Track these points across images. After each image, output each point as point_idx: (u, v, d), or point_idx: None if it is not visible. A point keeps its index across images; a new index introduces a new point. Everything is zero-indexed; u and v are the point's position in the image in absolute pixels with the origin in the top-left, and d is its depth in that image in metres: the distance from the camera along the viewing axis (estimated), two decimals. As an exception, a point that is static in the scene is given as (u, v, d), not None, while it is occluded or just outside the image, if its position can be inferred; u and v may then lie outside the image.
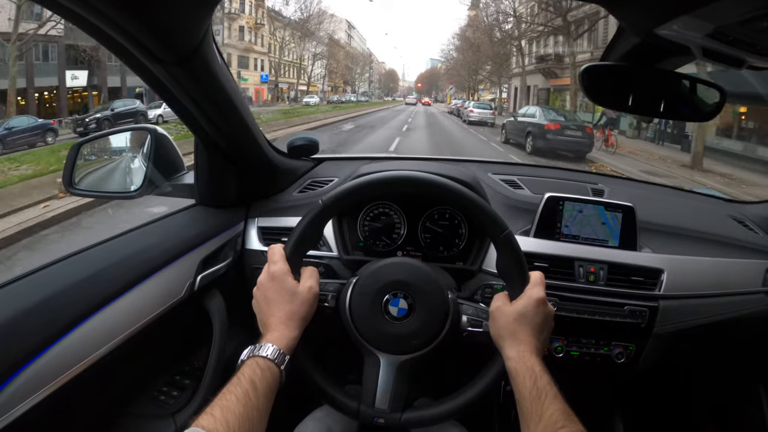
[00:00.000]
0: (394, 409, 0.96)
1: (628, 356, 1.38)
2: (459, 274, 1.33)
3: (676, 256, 1.43)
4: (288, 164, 1.58)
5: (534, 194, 1.58)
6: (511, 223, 1.41)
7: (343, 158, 1.89)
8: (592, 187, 1.65)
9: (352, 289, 0.99)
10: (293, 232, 0.98)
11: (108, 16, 0.75)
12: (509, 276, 0.97)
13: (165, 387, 1.21)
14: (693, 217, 1.68)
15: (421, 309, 0.96)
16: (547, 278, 1.33)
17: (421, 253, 1.38)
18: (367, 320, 0.97)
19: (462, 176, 1.34)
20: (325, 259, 1.36)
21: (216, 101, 1.13)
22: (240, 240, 1.42)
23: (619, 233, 1.41)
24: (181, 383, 1.23)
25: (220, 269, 1.30)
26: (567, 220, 1.41)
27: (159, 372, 1.21)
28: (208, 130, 1.22)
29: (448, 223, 1.39)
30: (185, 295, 1.15)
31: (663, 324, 1.37)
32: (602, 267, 1.37)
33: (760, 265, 1.51)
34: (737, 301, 1.45)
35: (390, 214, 1.39)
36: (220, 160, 1.33)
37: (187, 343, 1.28)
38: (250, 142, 1.33)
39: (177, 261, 1.16)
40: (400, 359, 0.97)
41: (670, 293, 1.38)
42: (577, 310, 1.34)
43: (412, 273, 0.98)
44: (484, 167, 1.76)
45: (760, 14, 0.60)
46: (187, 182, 1.39)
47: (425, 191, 1.02)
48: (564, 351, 1.36)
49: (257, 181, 1.48)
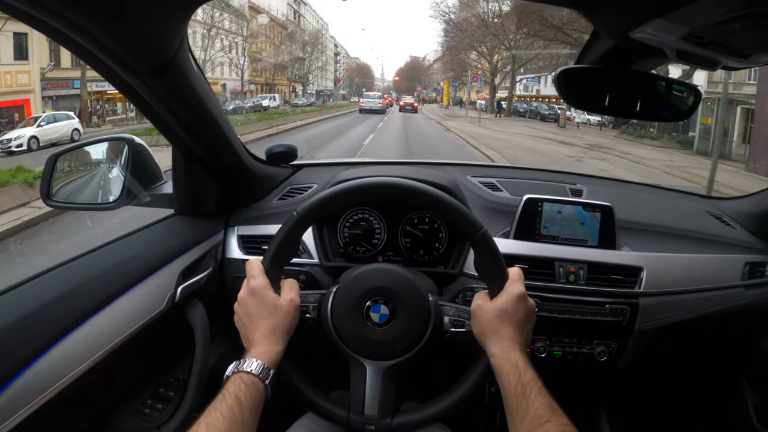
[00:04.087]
0: (383, 414, 0.96)
1: (611, 354, 1.40)
2: (440, 277, 1.35)
3: (655, 254, 1.46)
4: (267, 171, 1.58)
5: (513, 196, 1.60)
6: (491, 226, 1.44)
7: (322, 164, 1.89)
8: (570, 187, 1.68)
9: (333, 298, 0.99)
10: (270, 245, 0.99)
11: (82, 27, 0.76)
12: (488, 275, 0.99)
13: (149, 400, 1.20)
14: (671, 214, 1.71)
15: (402, 314, 0.96)
16: (528, 279, 1.35)
17: (402, 258, 1.40)
18: (349, 328, 0.97)
19: (440, 180, 1.36)
20: (306, 266, 1.36)
21: (193, 110, 1.13)
22: (220, 249, 1.42)
23: (598, 233, 1.43)
24: (166, 395, 1.22)
25: (201, 279, 1.30)
26: (546, 221, 1.44)
27: (143, 385, 1.20)
28: (185, 140, 1.22)
29: (427, 227, 1.40)
30: (166, 306, 1.15)
31: (644, 321, 1.39)
32: (582, 267, 1.39)
33: (738, 260, 1.54)
34: (717, 296, 1.48)
35: (369, 219, 1.40)
36: (199, 169, 1.33)
37: (170, 354, 1.27)
38: (228, 151, 1.33)
39: (157, 272, 1.16)
40: (385, 365, 0.97)
41: (650, 290, 1.40)
42: (558, 310, 1.36)
43: (391, 279, 0.99)
44: (463, 170, 1.78)
45: (734, 17, 0.60)
46: (165, 192, 1.39)
47: (400, 196, 1.02)
48: (547, 351, 1.39)
49: (236, 190, 1.48)
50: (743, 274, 1.52)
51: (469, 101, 48.61)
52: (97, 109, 24.68)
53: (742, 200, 1.81)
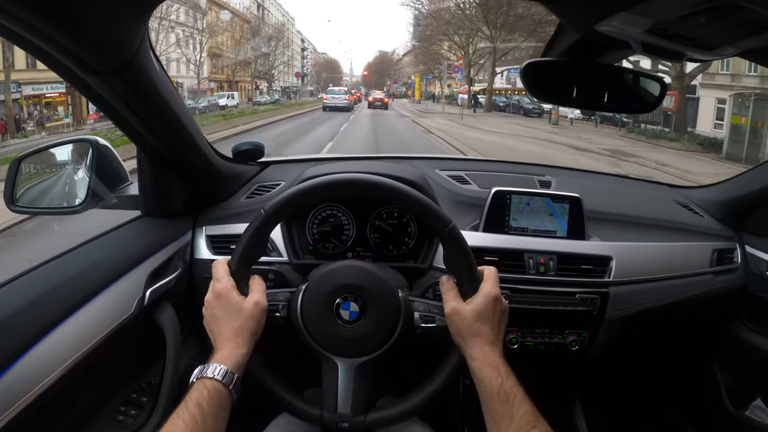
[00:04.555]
0: (357, 412, 0.96)
1: (582, 343, 1.43)
2: (410, 272, 1.35)
3: (624, 243, 1.49)
4: (234, 170, 1.57)
5: (482, 189, 1.61)
6: (460, 219, 1.44)
7: (290, 161, 1.87)
8: (539, 179, 1.70)
9: (302, 296, 0.99)
10: (237, 245, 0.98)
11: (38, 29, 0.74)
12: (458, 270, 0.99)
13: (123, 406, 1.18)
14: (640, 204, 1.74)
15: (372, 310, 0.96)
16: (498, 272, 1.34)
17: (372, 254, 1.40)
18: (319, 326, 0.97)
19: (408, 175, 1.36)
20: (275, 265, 1.35)
21: (156, 110, 1.11)
22: (189, 250, 1.40)
23: (566, 224, 1.46)
24: (139, 401, 1.20)
25: (170, 281, 1.28)
26: (515, 213, 1.45)
27: (116, 391, 1.18)
28: (149, 140, 1.20)
29: (396, 222, 1.41)
30: (135, 310, 1.13)
31: (614, 309, 1.42)
32: (552, 257, 1.40)
33: (706, 247, 1.58)
34: (686, 283, 1.51)
35: (338, 215, 1.40)
36: (164, 170, 1.31)
37: (142, 359, 1.25)
38: (193, 150, 1.32)
39: (125, 276, 1.14)
40: (357, 362, 0.97)
41: (620, 279, 1.43)
42: (529, 301, 1.38)
43: (360, 275, 0.99)
44: (431, 164, 1.79)
45: (698, 10, 0.60)
46: (132, 193, 1.37)
47: (367, 192, 1.02)
48: (519, 342, 1.41)
49: (203, 189, 1.47)
50: (712, 261, 1.56)
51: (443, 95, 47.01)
52: (33, 114, 22.93)
53: (710, 189, 1.85)
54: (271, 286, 1.01)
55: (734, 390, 1.75)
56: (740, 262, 1.61)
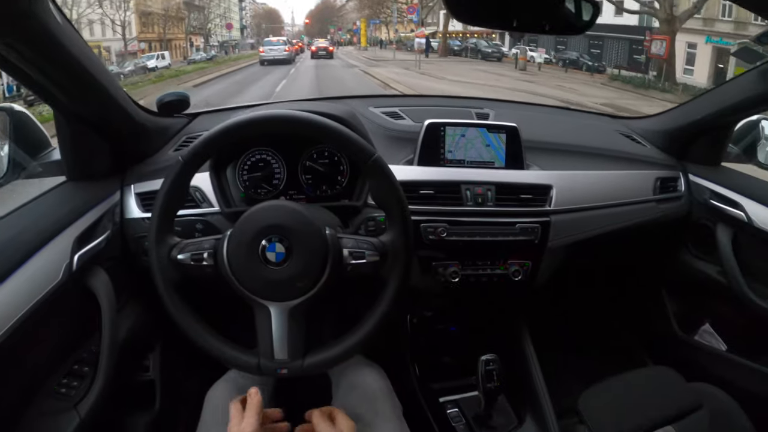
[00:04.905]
0: (294, 357, 0.95)
1: (525, 273, 1.43)
2: (345, 211, 1.33)
3: (565, 172, 1.49)
4: (160, 123, 1.51)
5: (416, 123, 1.58)
6: (394, 154, 1.43)
7: (219, 110, 1.79)
8: (476, 111, 1.68)
9: (227, 242, 0.96)
10: (157, 197, 0.95)
11: None
12: (385, 203, 0.98)
13: (65, 378, 1.14)
14: (581, 134, 1.75)
15: (299, 250, 0.93)
16: (435, 205, 1.36)
17: (305, 195, 1.38)
18: (247, 271, 0.94)
19: (334, 111, 1.31)
20: (207, 216, 1.32)
21: (64, 66, 1.04)
22: (118, 210, 1.34)
23: (504, 154, 1.45)
24: (81, 372, 1.16)
25: (100, 244, 1.22)
26: (450, 145, 1.44)
27: (56, 364, 1.14)
28: (63, 99, 1.14)
29: (328, 162, 1.39)
30: (64, 278, 1.07)
31: (556, 238, 1.43)
32: (490, 188, 1.40)
33: (649, 176, 1.60)
34: (629, 210, 1.54)
35: (268, 160, 1.37)
36: (84, 130, 1.25)
37: (79, 329, 1.20)
38: (112, 106, 1.25)
39: (49, 243, 1.08)
40: (289, 305, 0.95)
41: (561, 208, 1.44)
42: (468, 233, 1.37)
43: (284, 215, 0.95)
44: (364, 102, 1.75)
45: None
46: (56, 159, 1.31)
47: (287, 129, 0.99)
48: (460, 275, 1.40)
49: (129, 146, 1.40)
50: (655, 189, 1.58)
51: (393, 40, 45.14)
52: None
53: (652, 119, 1.87)
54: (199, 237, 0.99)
55: (683, 315, 1.81)
56: (684, 191, 1.64)
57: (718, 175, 1.61)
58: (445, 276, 1.39)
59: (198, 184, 1.31)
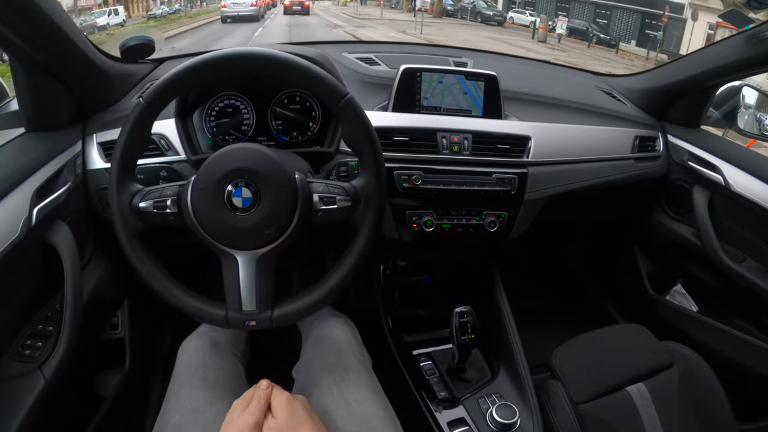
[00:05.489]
0: (263, 308, 0.91)
1: (501, 224, 1.42)
2: (316, 157, 1.28)
3: (544, 124, 1.46)
4: (123, 69, 1.43)
5: (391, 69, 1.54)
6: (368, 100, 1.40)
7: (186, 55, 1.71)
8: (455, 60, 1.64)
9: (191, 187, 0.91)
10: (117, 141, 0.89)
11: None
12: (357, 145, 0.93)
13: (29, 339, 1.09)
14: (561, 87, 1.71)
15: (266, 195, 0.89)
16: (409, 152, 1.33)
17: (275, 142, 1.34)
18: (212, 218, 0.89)
19: (305, 52, 1.24)
20: (173, 163, 1.26)
21: (20, 7, 0.96)
22: (80, 161, 1.27)
23: (482, 102, 1.41)
24: (45, 331, 1.11)
25: (60, 197, 1.15)
26: (426, 91, 1.39)
27: (20, 325, 1.09)
28: (21, 45, 1.06)
29: (299, 107, 1.34)
30: (22, 232, 1.01)
31: (533, 190, 1.41)
32: (466, 137, 1.36)
33: (628, 133, 1.59)
34: (607, 166, 1.53)
35: (236, 105, 1.32)
36: (43, 77, 1.17)
37: (43, 287, 1.14)
38: (72, 51, 1.17)
39: (6, 198, 1.01)
40: (257, 254, 0.91)
41: (539, 160, 1.41)
42: (443, 182, 1.34)
43: (250, 158, 0.90)
44: (338, 47, 1.70)
45: None
46: (14, 109, 1.23)
47: (253, 68, 0.92)
48: (434, 225, 1.37)
49: (91, 94, 1.32)
50: (633, 147, 1.57)
51: None
52: None
53: (633, 77, 1.85)
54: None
55: (655, 275, 1.83)
56: (662, 151, 1.63)
57: (697, 137, 1.60)
58: (418, 225, 1.36)
59: (163, 131, 1.25)
